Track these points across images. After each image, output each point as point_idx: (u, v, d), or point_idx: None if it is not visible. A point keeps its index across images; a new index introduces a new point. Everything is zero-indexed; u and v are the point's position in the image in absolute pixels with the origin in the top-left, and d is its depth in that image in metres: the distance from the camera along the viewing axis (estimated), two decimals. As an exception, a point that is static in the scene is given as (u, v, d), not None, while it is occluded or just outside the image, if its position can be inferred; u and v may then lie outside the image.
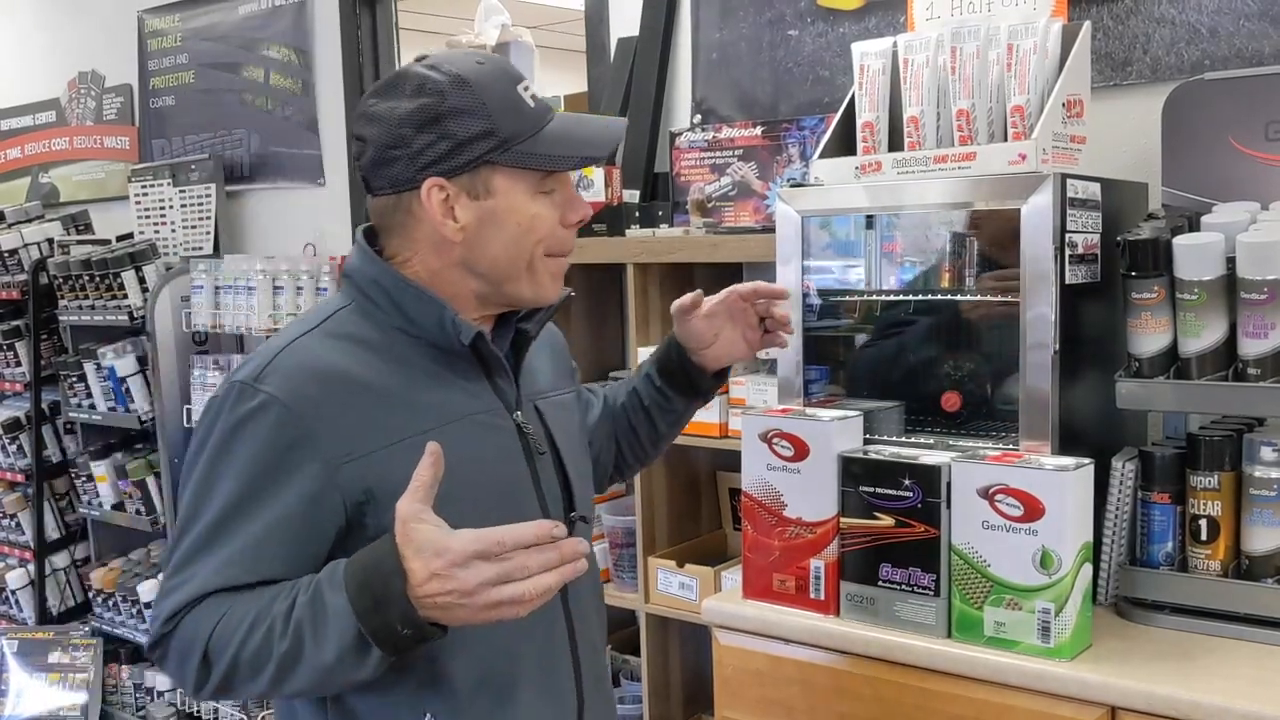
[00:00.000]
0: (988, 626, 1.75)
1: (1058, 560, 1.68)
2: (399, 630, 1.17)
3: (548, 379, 1.56)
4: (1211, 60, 2.14)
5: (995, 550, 1.73)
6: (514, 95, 1.34)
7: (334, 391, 1.30)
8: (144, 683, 4.04)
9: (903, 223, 2.17)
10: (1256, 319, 1.74)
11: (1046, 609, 1.70)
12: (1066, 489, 1.67)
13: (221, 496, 1.27)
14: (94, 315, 3.98)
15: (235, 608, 1.24)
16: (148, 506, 3.94)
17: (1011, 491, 1.70)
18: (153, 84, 4.41)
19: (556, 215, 1.38)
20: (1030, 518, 1.69)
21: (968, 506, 1.74)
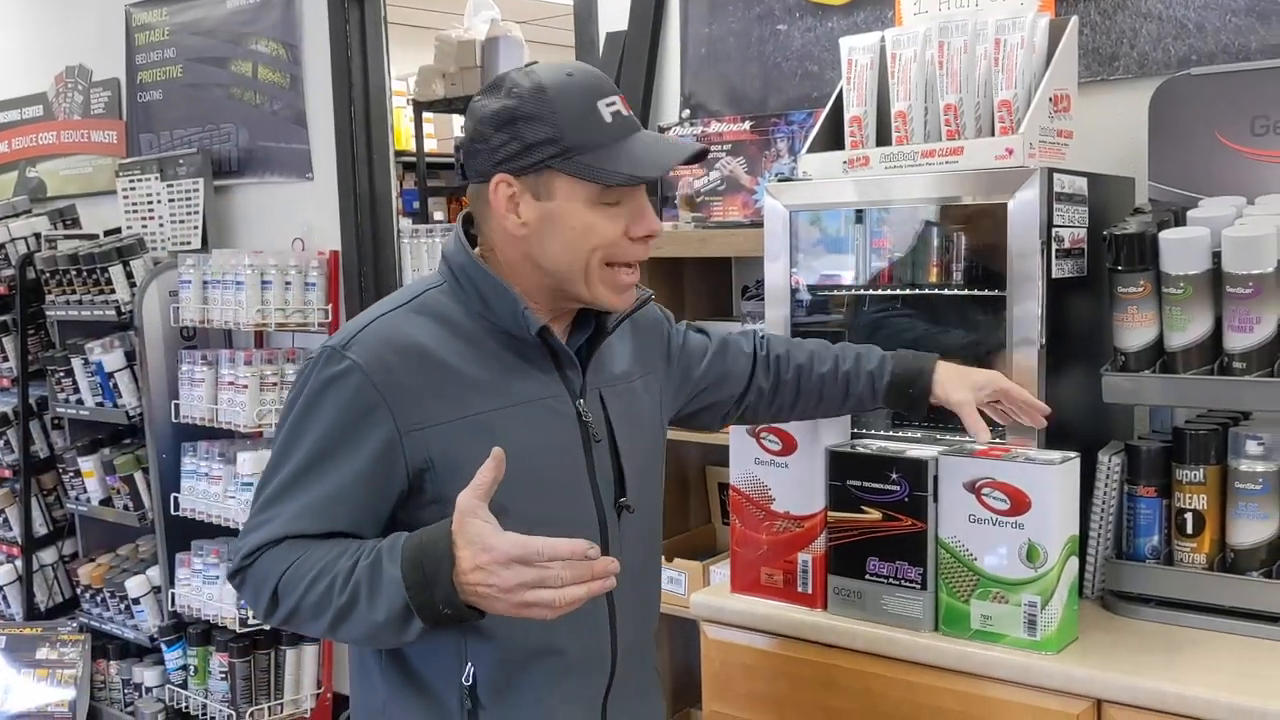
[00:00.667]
0: (974, 620, 1.75)
1: (1044, 554, 1.68)
2: (440, 609, 1.28)
3: (623, 366, 1.61)
4: (1198, 55, 2.15)
5: (982, 544, 1.74)
6: (589, 108, 1.41)
7: (410, 364, 1.41)
8: (132, 678, 4.03)
9: (891, 218, 2.18)
10: (1242, 313, 1.75)
11: (1033, 602, 1.70)
12: (1053, 483, 1.67)
13: (303, 450, 1.40)
14: (81, 310, 3.96)
15: (306, 556, 1.36)
16: (135, 502, 3.93)
17: (999, 485, 1.70)
18: (140, 78, 4.39)
19: (620, 226, 1.43)
20: (1017, 511, 1.69)
21: (955, 500, 1.74)
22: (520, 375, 1.47)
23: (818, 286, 2.23)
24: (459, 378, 1.43)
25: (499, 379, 1.45)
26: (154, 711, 3.82)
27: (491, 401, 1.43)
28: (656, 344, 1.70)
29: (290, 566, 1.37)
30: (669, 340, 1.73)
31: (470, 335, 1.46)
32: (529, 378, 1.47)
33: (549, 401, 1.48)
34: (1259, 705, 1.55)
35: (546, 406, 1.48)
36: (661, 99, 2.95)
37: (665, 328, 1.74)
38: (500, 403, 1.44)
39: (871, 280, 2.22)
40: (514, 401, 1.45)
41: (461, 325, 1.46)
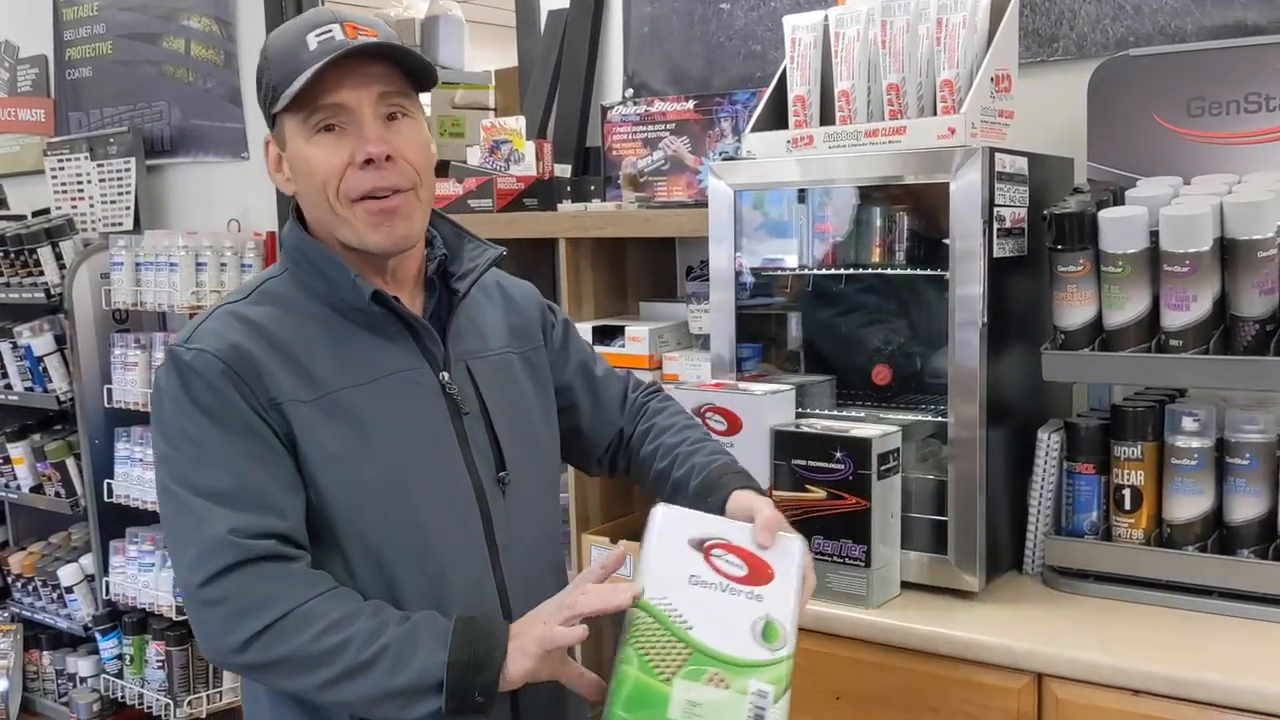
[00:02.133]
0: (674, 707, 1.25)
1: (783, 634, 1.31)
2: (474, 696, 1.25)
3: (495, 337, 1.54)
4: (1136, 37, 2.17)
5: (702, 611, 1.30)
6: (297, 44, 1.35)
7: (259, 346, 1.34)
8: (66, 669, 3.95)
9: (834, 198, 2.18)
10: (1179, 291, 1.77)
11: (763, 692, 1.27)
12: (797, 558, 1.38)
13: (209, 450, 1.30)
14: (9, 293, 3.86)
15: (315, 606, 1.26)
16: (68, 489, 3.84)
17: (734, 549, 1.35)
18: (69, 55, 4.27)
19: (343, 155, 1.35)
20: (755, 580, 1.34)
21: (675, 555, 1.34)
22: (375, 351, 1.40)
23: (761, 269, 2.23)
24: (310, 359, 1.36)
25: (352, 357, 1.38)
26: (89, 702, 3.75)
27: (346, 379, 1.36)
28: (534, 318, 1.62)
29: (294, 610, 1.26)
30: (544, 319, 1.64)
31: (317, 317, 1.39)
32: (385, 353, 1.40)
33: (408, 374, 1.41)
34: (1195, 677, 1.58)
35: (406, 380, 1.40)
36: (604, 78, 2.93)
37: (542, 305, 1.66)
38: (355, 380, 1.37)
39: (814, 261, 2.22)
40: (370, 377, 1.38)
41: (307, 309, 1.40)
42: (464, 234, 1.54)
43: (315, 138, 1.35)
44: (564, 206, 2.66)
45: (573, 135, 2.89)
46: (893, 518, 1.89)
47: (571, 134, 2.89)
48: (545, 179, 2.75)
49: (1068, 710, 1.66)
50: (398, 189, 1.36)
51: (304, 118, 1.35)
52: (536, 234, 2.61)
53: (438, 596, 1.36)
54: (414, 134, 1.39)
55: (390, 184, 1.36)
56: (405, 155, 1.37)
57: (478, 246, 1.52)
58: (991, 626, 1.77)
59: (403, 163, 1.36)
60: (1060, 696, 1.67)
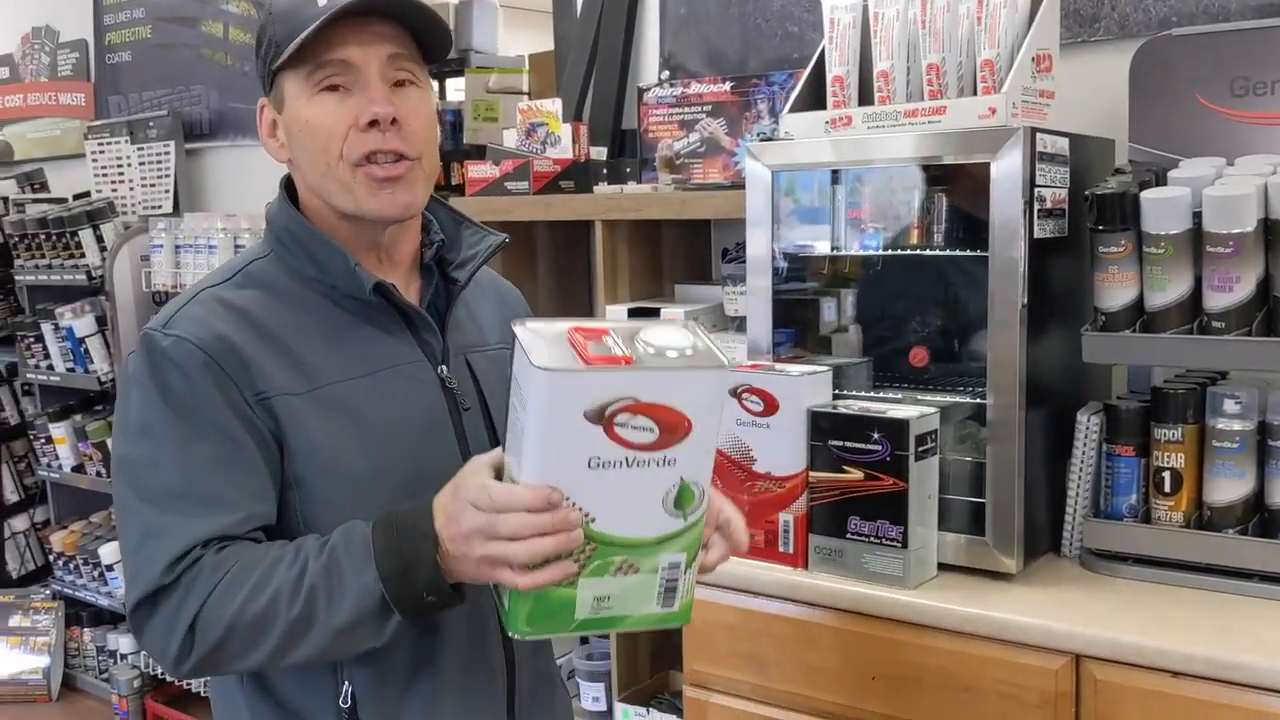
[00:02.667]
0: (582, 607, 1.14)
1: (698, 495, 1.14)
2: (423, 596, 1.14)
3: (493, 332, 1.46)
4: (1179, 16, 2.15)
5: (609, 498, 1.11)
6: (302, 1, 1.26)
7: (244, 335, 1.26)
8: (107, 645, 4.01)
9: (871, 179, 2.17)
10: (1221, 272, 1.76)
11: (675, 564, 1.15)
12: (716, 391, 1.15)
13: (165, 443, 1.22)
14: (51, 275, 3.91)
15: (233, 573, 1.17)
16: (108, 469, 3.88)
17: (642, 408, 1.08)
18: (109, 39, 4.32)
19: (347, 116, 1.26)
20: (668, 441, 1.10)
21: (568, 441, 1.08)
22: (370, 342, 1.31)
23: (795, 252, 2.22)
24: (300, 350, 1.27)
25: (346, 348, 1.30)
26: (129, 678, 3.81)
27: (341, 372, 1.28)
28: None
29: (214, 590, 1.17)
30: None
31: (307, 305, 1.30)
32: (380, 344, 1.32)
33: (406, 368, 1.33)
34: (1234, 659, 1.57)
35: (403, 373, 1.32)
36: (641, 60, 2.93)
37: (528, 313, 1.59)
38: (351, 373, 1.28)
39: (851, 243, 2.22)
40: (366, 370, 1.29)
41: (296, 295, 1.31)
42: (462, 220, 1.45)
43: (317, 97, 1.27)
44: (600, 189, 2.67)
45: (609, 117, 2.90)
46: (930, 499, 1.89)
47: (608, 116, 2.90)
48: (581, 161, 2.76)
49: (1106, 691, 1.66)
50: (402, 155, 1.28)
51: (306, 74, 1.27)
52: (572, 216, 2.61)
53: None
54: (421, 103, 1.31)
55: (394, 148, 1.27)
56: (411, 123, 1.28)
57: (477, 233, 1.43)
58: (1029, 608, 1.77)
59: (409, 129, 1.28)
60: (1099, 678, 1.67)
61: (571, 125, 2.78)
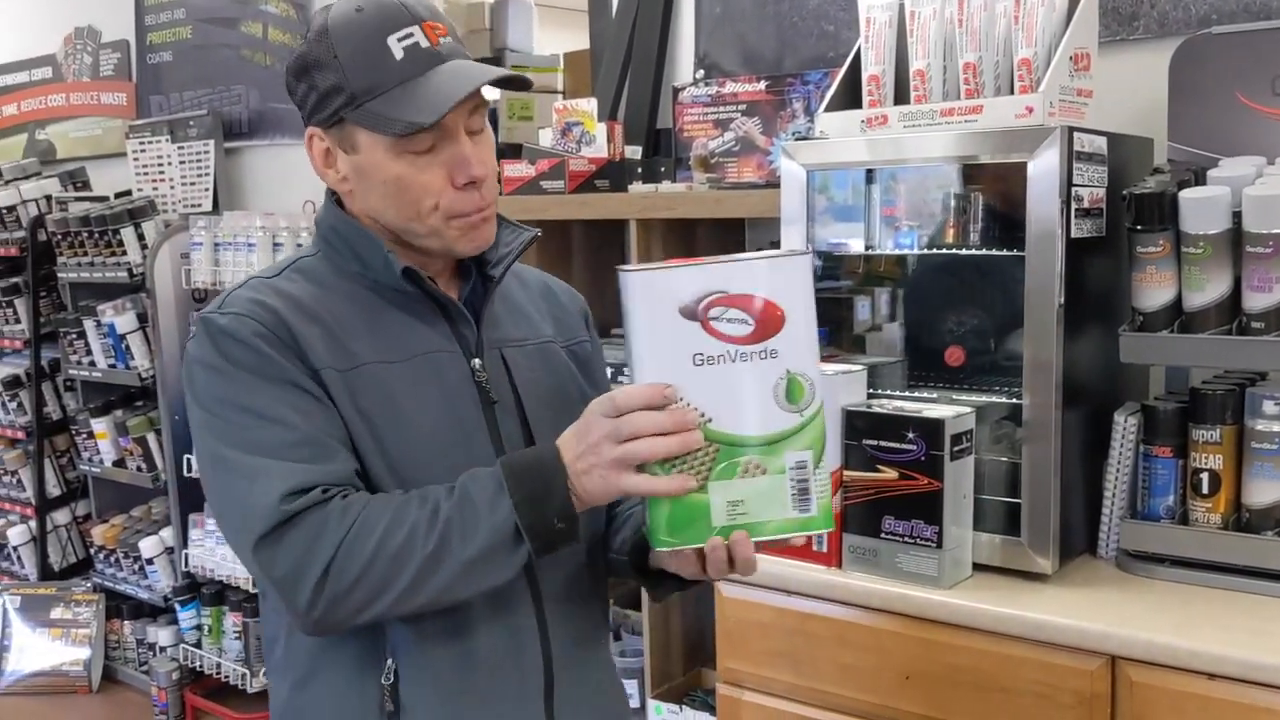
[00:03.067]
0: (718, 514, 1.17)
1: (808, 387, 1.17)
2: (554, 524, 1.19)
3: (536, 327, 1.48)
4: (1219, 15, 2.13)
5: (719, 394, 1.16)
6: (376, 47, 1.27)
7: (292, 314, 1.30)
8: (146, 638, 4.06)
9: (906, 178, 2.17)
10: (1261, 272, 1.75)
11: (802, 461, 1.17)
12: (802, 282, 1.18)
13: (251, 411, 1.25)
14: (93, 272, 3.97)
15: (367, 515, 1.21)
16: (148, 463, 3.95)
17: (734, 300, 1.15)
18: (150, 39, 4.37)
19: (440, 175, 1.30)
20: (765, 333, 1.15)
21: (668, 338, 1.15)
22: (407, 330, 1.35)
23: (831, 250, 2.23)
24: (343, 332, 1.31)
25: (384, 334, 1.34)
26: (168, 670, 3.85)
27: (378, 355, 1.32)
28: (579, 320, 1.56)
29: (352, 527, 1.20)
30: (591, 331, 1.58)
31: (349, 294, 1.35)
32: (416, 333, 1.35)
33: (438, 356, 1.35)
34: (1271, 661, 1.56)
35: (435, 362, 1.35)
36: (676, 59, 2.94)
37: (587, 314, 1.59)
38: (386, 357, 1.32)
39: (885, 243, 2.22)
40: (401, 356, 1.33)
41: (340, 286, 1.36)
42: (500, 219, 1.45)
43: (404, 156, 1.29)
44: (635, 188, 2.68)
45: (644, 117, 2.91)
46: (965, 499, 1.89)
47: (643, 115, 2.91)
48: (616, 160, 2.77)
49: (1141, 693, 1.65)
50: (489, 203, 1.35)
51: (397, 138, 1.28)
52: (607, 215, 2.62)
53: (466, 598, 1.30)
54: (489, 146, 1.36)
55: (489, 202, 1.34)
56: (491, 170, 1.35)
57: (512, 230, 1.45)
58: (1065, 608, 1.76)
59: (491, 178, 1.34)
60: (1134, 679, 1.66)
61: (607, 124, 2.79)
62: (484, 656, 1.34)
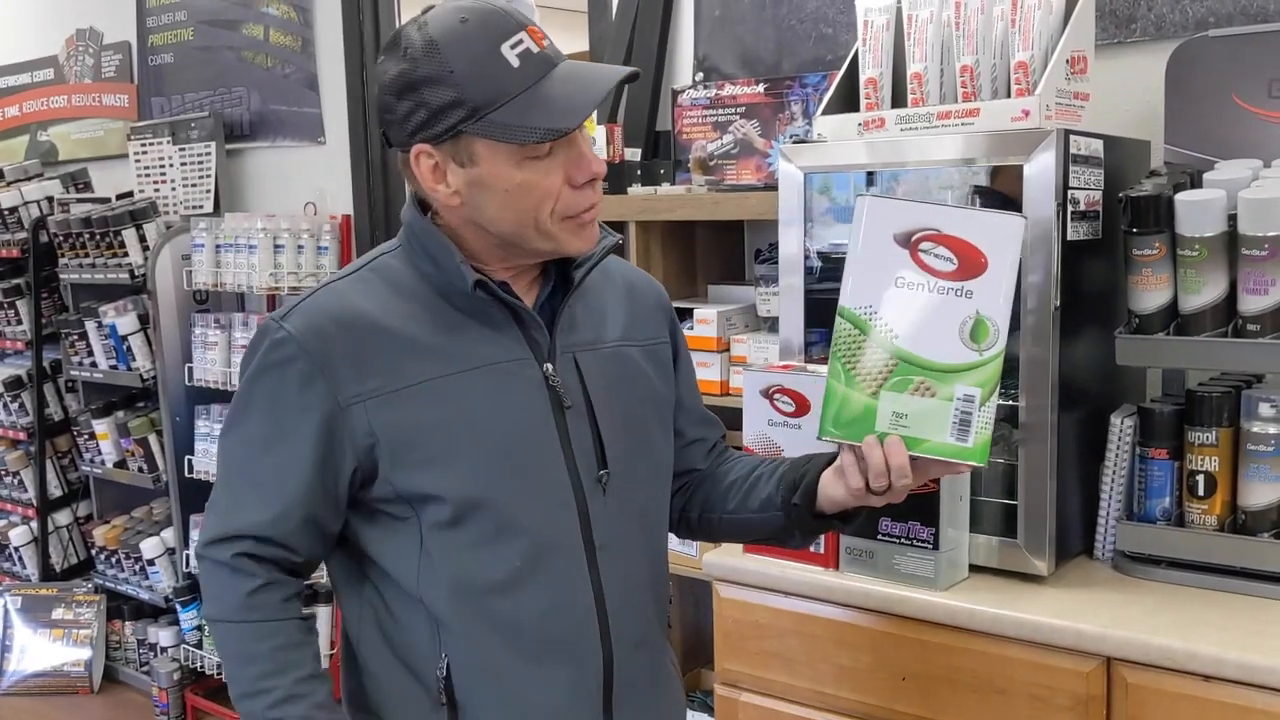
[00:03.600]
0: (882, 418, 1.30)
1: (994, 332, 1.29)
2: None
3: (612, 329, 1.48)
4: (1215, 17, 2.14)
5: (910, 317, 1.30)
6: (491, 57, 1.26)
7: (350, 333, 1.34)
8: (147, 639, 4.08)
9: (905, 180, 2.17)
10: (1257, 275, 1.75)
11: (969, 396, 1.28)
12: (1013, 239, 1.30)
13: (248, 427, 1.38)
14: (95, 273, 3.98)
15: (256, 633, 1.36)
16: (150, 464, 3.96)
17: (945, 239, 1.30)
18: (151, 41, 4.38)
19: (558, 177, 1.31)
20: (966, 274, 1.29)
21: (881, 256, 1.30)
22: (478, 338, 1.36)
23: (829, 252, 2.23)
24: (407, 344, 1.34)
25: (453, 343, 1.35)
26: (169, 671, 3.86)
27: (444, 367, 1.34)
28: (661, 319, 1.57)
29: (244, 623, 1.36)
30: (672, 326, 1.59)
31: (423, 299, 1.37)
32: (488, 341, 1.36)
33: (510, 365, 1.36)
34: (1268, 663, 1.56)
35: (507, 370, 1.36)
36: (675, 61, 2.94)
37: (669, 311, 1.60)
38: (454, 367, 1.34)
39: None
40: (470, 365, 1.35)
41: (414, 289, 1.37)
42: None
43: (527, 163, 1.29)
44: (634, 190, 2.68)
45: (643, 119, 2.91)
46: (961, 500, 1.89)
47: (642, 118, 2.92)
48: (616, 162, 2.77)
49: (1137, 695, 1.66)
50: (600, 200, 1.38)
51: (523, 145, 1.28)
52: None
53: (525, 587, 1.34)
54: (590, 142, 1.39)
55: (599, 199, 1.37)
56: (603, 167, 1.37)
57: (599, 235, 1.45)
58: (1061, 610, 1.77)
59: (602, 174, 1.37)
60: (1130, 681, 1.66)
61: (606, 126, 2.80)
62: (541, 650, 1.37)
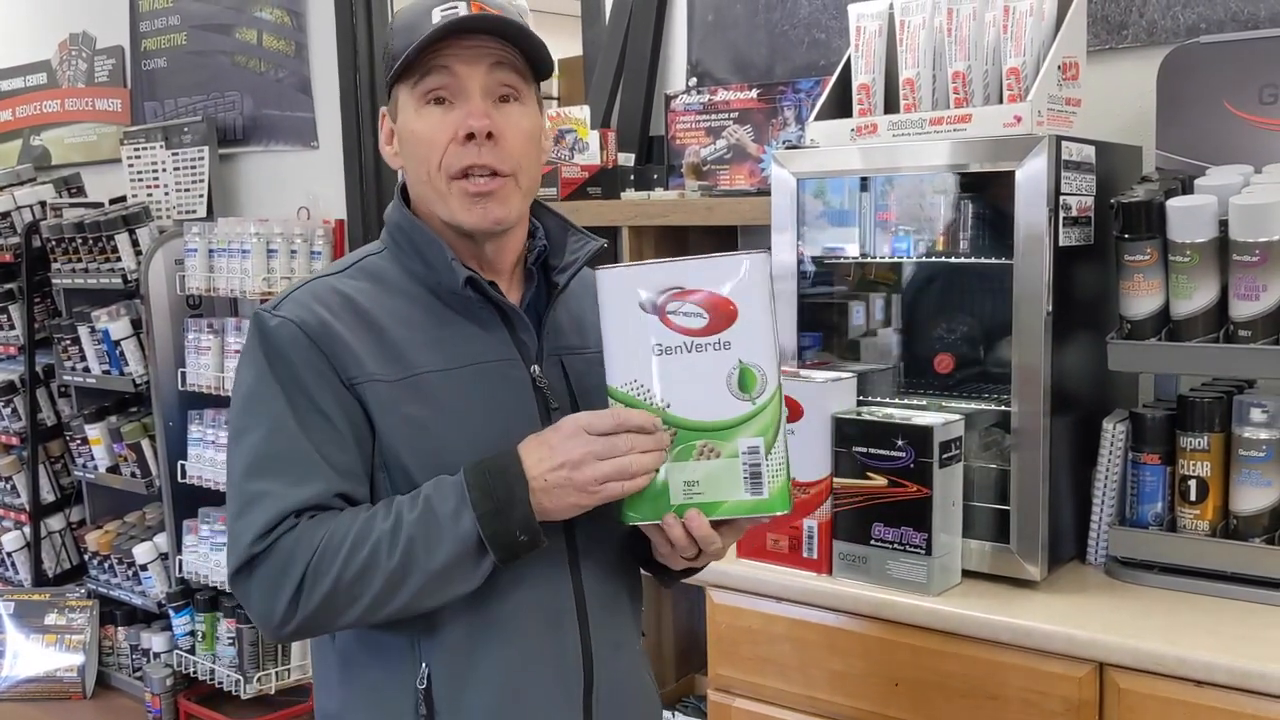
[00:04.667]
0: (676, 493, 1.27)
1: (761, 377, 1.26)
2: (517, 535, 1.23)
3: (588, 336, 1.46)
4: (1207, 24, 2.14)
5: (676, 383, 1.26)
6: (423, 15, 1.32)
7: (345, 319, 1.34)
8: (140, 644, 4.06)
9: (897, 186, 2.18)
10: (1248, 281, 1.76)
11: (754, 447, 1.26)
12: (757, 280, 1.26)
13: (267, 414, 1.32)
14: (87, 278, 3.97)
15: (332, 533, 1.26)
16: (142, 469, 3.95)
17: (689, 295, 1.25)
18: (144, 45, 4.38)
19: (447, 131, 1.32)
20: (718, 326, 1.25)
21: (631, 329, 1.26)
22: (467, 337, 1.37)
23: (822, 257, 2.24)
24: (398, 337, 1.34)
25: (443, 340, 1.36)
26: (162, 677, 3.85)
27: (436, 362, 1.34)
28: None
29: (318, 550, 1.25)
30: None
31: (413, 296, 1.38)
32: (476, 340, 1.37)
33: (498, 365, 1.37)
34: (1259, 668, 1.57)
35: (495, 369, 1.36)
36: (668, 67, 2.95)
37: None
38: (443, 364, 1.34)
39: (876, 250, 2.22)
40: (459, 363, 1.35)
41: (403, 287, 1.38)
42: (569, 227, 1.49)
43: (423, 110, 1.34)
44: (627, 195, 2.68)
45: (636, 124, 2.92)
46: (954, 506, 1.90)
47: (635, 123, 2.92)
48: (609, 167, 2.78)
49: (1129, 700, 1.66)
50: (496, 171, 1.33)
51: (413, 84, 1.34)
52: (600, 222, 2.63)
53: (508, 590, 1.34)
54: (522, 119, 1.36)
55: (488, 163, 1.32)
56: (508, 138, 1.33)
57: (580, 239, 1.47)
58: (1053, 615, 1.77)
59: (505, 145, 1.33)
60: (1122, 686, 1.67)
61: (599, 131, 2.80)
62: (523, 655, 1.36)
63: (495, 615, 1.35)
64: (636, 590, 1.53)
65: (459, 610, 1.32)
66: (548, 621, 1.38)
